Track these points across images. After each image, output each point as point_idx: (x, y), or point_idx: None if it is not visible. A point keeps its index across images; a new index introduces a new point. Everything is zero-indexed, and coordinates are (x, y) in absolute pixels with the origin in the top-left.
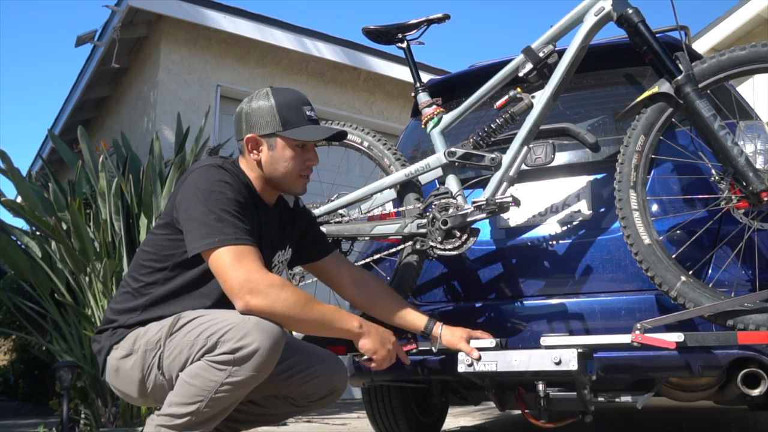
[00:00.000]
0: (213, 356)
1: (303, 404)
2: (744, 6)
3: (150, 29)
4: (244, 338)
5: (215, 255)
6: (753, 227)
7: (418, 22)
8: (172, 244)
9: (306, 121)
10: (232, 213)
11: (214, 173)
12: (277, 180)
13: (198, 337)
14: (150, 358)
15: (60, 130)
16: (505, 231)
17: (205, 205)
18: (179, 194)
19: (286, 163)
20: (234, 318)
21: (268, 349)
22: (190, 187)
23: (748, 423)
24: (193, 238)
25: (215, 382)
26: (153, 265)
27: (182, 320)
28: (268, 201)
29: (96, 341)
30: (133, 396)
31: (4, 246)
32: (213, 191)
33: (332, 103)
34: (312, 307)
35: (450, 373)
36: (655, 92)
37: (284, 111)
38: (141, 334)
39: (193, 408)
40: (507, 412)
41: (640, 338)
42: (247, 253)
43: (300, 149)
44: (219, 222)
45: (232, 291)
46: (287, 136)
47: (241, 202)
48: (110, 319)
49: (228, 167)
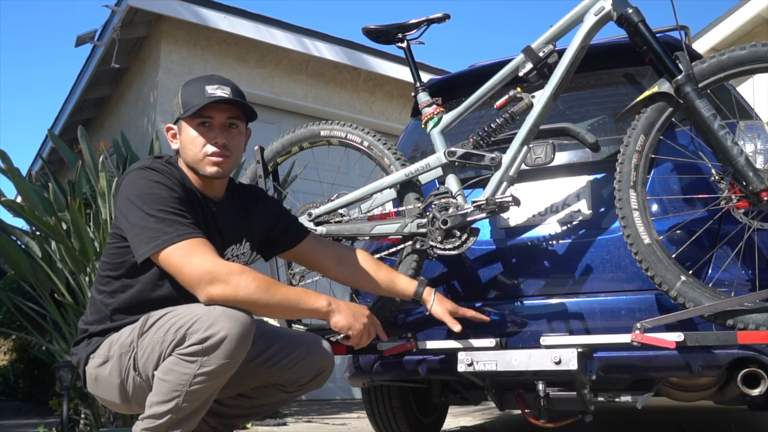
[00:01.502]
0: (182, 349)
1: (293, 389)
2: (744, 6)
3: (150, 29)
4: (210, 327)
5: (164, 256)
6: (753, 227)
7: (418, 22)
8: (121, 252)
9: (206, 99)
10: (169, 211)
11: (143, 175)
12: (191, 165)
13: (167, 333)
14: (126, 361)
15: (60, 130)
16: (505, 231)
17: (141, 210)
18: (117, 203)
19: (191, 144)
20: (200, 309)
21: (237, 335)
22: (123, 193)
23: (748, 423)
24: (138, 245)
25: (188, 374)
26: (110, 274)
27: (151, 319)
28: (212, 194)
29: (74, 353)
30: (117, 402)
31: (4, 246)
32: (145, 194)
33: (332, 103)
34: (276, 290)
35: (450, 373)
36: (655, 92)
37: (186, 95)
38: (115, 339)
39: (171, 405)
40: (507, 412)
41: (640, 338)
42: (196, 245)
43: (204, 128)
44: (159, 223)
45: (191, 284)
46: (184, 116)
47: (177, 197)
48: (83, 329)
49: (157, 166)
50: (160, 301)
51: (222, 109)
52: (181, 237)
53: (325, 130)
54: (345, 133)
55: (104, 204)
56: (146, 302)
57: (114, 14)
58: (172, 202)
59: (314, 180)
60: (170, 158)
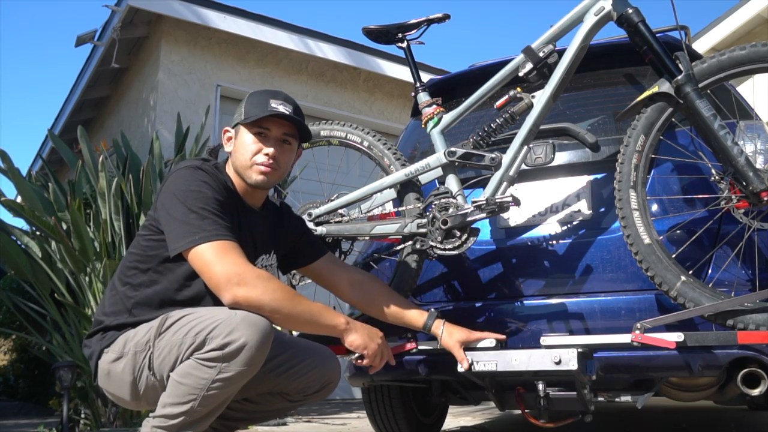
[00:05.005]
0: (202, 354)
1: (298, 399)
2: (744, 6)
3: (150, 29)
4: (231, 333)
5: (197, 253)
6: (753, 227)
7: (418, 21)
8: (155, 245)
9: (268, 111)
10: (211, 211)
11: (193, 174)
12: (239, 170)
13: (186, 336)
14: (140, 360)
15: (60, 130)
16: (505, 231)
17: (184, 205)
18: (160, 197)
19: (244, 150)
20: (221, 314)
21: (257, 342)
22: (169, 188)
23: (748, 423)
24: (174, 238)
25: (206, 379)
26: (138, 266)
27: (170, 319)
28: (252, 203)
29: (86, 346)
30: (126, 399)
31: (4, 246)
32: (192, 191)
33: (332, 103)
34: (299, 301)
35: (450, 373)
36: (655, 92)
37: (250, 104)
38: (131, 336)
39: (186, 407)
40: (507, 412)
41: (640, 338)
42: (229, 248)
43: (260, 138)
44: (199, 220)
45: (218, 285)
46: (244, 122)
47: (221, 201)
48: (99, 321)
49: (206, 168)
50: (184, 303)
51: (280, 124)
52: (218, 237)
53: (325, 130)
54: (345, 133)
55: (104, 204)
56: (169, 301)
57: (114, 14)
58: (214, 204)
59: (314, 180)
60: (217, 163)
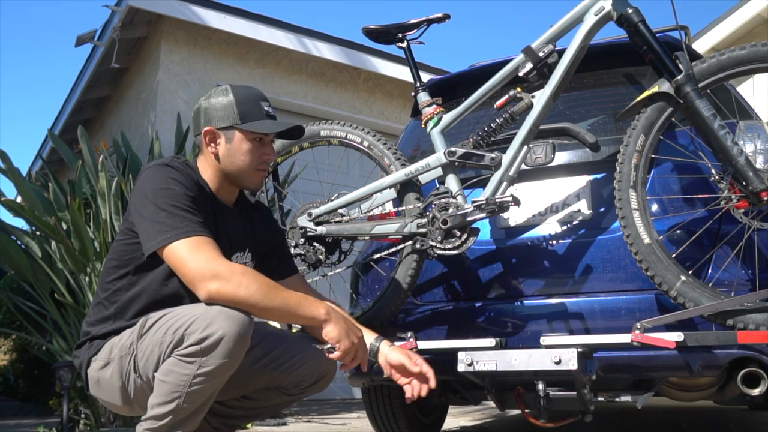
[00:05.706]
0: (181, 350)
1: (295, 392)
2: (744, 6)
3: (150, 29)
4: (208, 327)
5: (170, 250)
6: (753, 227)
7: (418, 21)
8: (131, 248)
9: (264, 115)
10: (182, 207)
11: (160, 171)
12: (233, 174)
13: (165, 334)
14: (126, 364)
15: (60, 130)
16: (505, 231)
17: (154, 204)
18: (131, 198)
19: (243, 156)
20: (198, 310)
21: (235, 334)
22: (139, 189)
23: (748, 423)
24: (147, 238)
25: (188, 375)
26: (117, 271)
27: (150, 320)
28: (226, 199)
29: (76, 356)
30: (118, 404)
31: (4, 246)
32: (161, 188)
33: (332, 103)
34: (276, 293)
35: (450, 373)
36: (655, 92)
37: (243, 105)
38: (116, 342)
39: (172, 406)
40: (507, 412)
41: (640, 338)
42: (202, 243)
43: (257, 143)
44: (170, 218)
45: (193, 280)
46: (245, 129)
47: (192, 196)
48: (86, 332)
49: (175, 165)
50: (165, 303)
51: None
52: (189, 233)
53: (325, 130)
54: (345, 133)
55: (104, 204)
56: (151, 302)
57: (114, 14)
58: (185, 200)
59: (314, 180)
60: (187, 160)
